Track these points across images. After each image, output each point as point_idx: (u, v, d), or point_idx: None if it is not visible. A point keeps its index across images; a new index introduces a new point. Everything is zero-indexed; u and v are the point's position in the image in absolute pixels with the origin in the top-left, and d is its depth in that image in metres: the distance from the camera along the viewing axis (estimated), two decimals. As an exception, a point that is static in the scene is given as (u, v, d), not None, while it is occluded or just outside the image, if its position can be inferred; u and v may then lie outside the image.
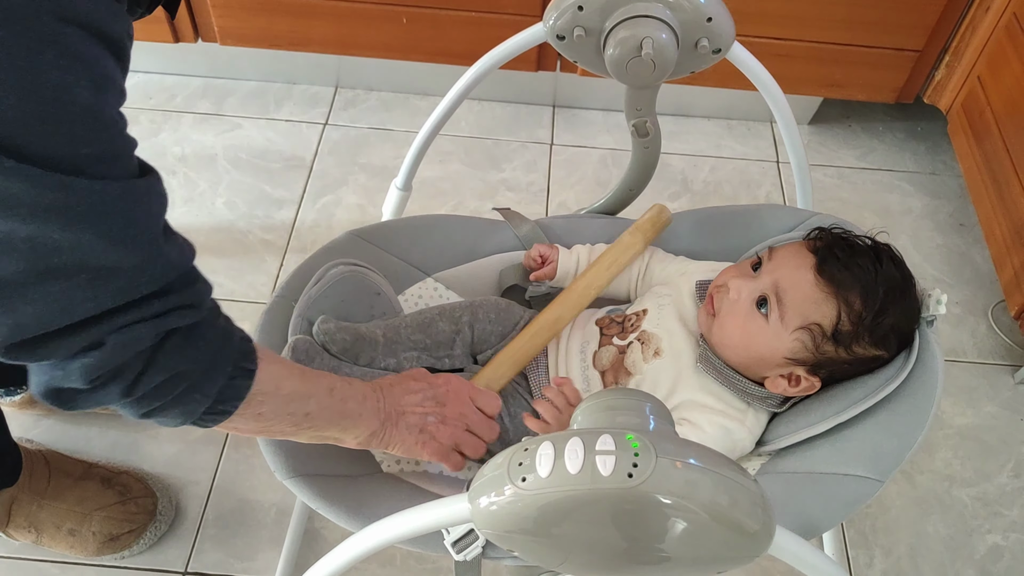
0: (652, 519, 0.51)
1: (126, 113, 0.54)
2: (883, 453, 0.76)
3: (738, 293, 0.82)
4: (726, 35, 0.85)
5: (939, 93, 1.53)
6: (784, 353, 0.80)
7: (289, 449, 0.78)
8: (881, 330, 0.79)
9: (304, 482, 0.76)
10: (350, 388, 0.73)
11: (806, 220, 0.96)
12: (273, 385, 0.65)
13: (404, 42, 1.52)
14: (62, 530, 1.08)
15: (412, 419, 0.77)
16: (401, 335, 0.89)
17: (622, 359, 0.86)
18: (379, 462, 0.84)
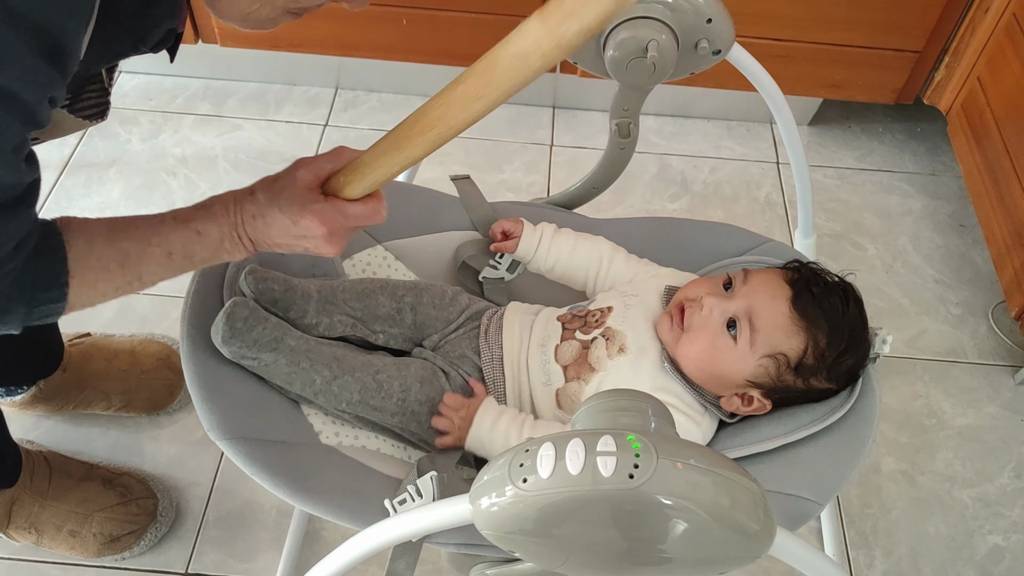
0: (653, 520, 0.51)
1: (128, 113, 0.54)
2: (824, 478, 0.78)
3: (710, 311, 0.83)
4: (726, 36, 0.85)
5: (939, 94, 1.53)
6: (746, 375, 0.82)
7: (226, 409, 0.76)
8: (839, 369, 0.82)
9: (240, 445, 0.75)
10: (199, 240, 0.68)
11: (760, 245, 0.98)
12: (89, 290, 0.64)
13: (404, 43, 1.52)
14: (63, 531, 1.08)
15: (286, 246, 0.71)
16: (337, 297, 0.86)
17: (585, 354, 0.85)
18: (317, 432, 0.82)
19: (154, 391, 1.22)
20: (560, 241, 0.94)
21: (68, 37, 0.52)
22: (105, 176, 1.55)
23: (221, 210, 0.69)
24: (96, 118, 0.71)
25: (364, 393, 0.82)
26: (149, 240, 0.67)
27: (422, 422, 0.84)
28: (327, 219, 0.68)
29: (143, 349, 1.25)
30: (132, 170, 1.56)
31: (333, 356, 0.83)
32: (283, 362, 0.80)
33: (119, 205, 1.50)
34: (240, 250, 0.70)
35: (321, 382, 0.81)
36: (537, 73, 0.55)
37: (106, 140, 1.60)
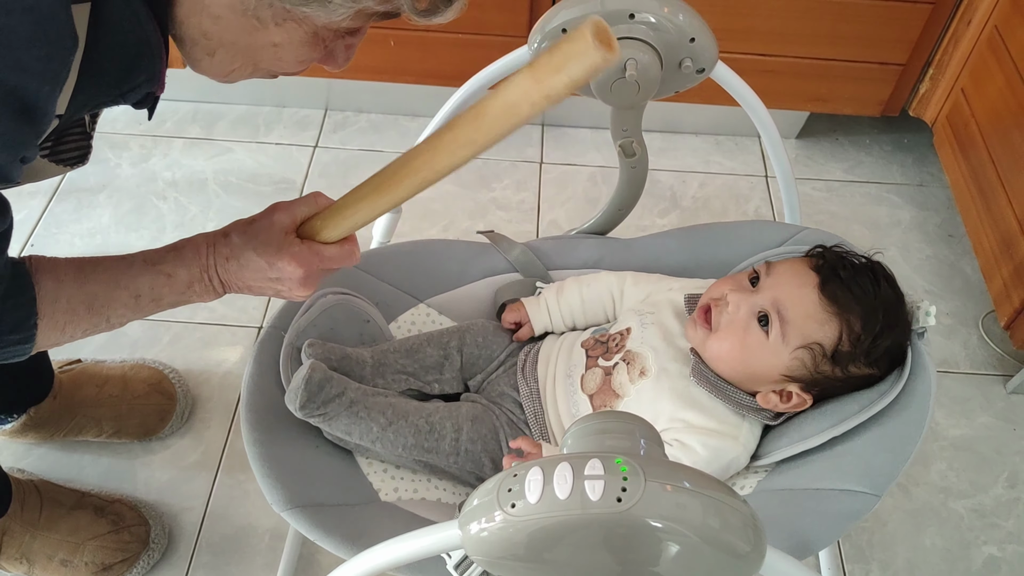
0: (644, 543, 0.51)
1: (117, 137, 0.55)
2: (878, 467, 0.76)
3: (737, 307, 0.81)
4: (709, 55, 0.86)
5: (924, 106, 1.54)
6: (781, 370, 0.80)
7: (286, 480, 0.78)
8: (877, 352, 0.79)
9: (301, 513, 0.76)
10: (168, 283, 0.69)
11: (795, 235, 0.96)
12: (58, 332, 0.65)
13: (392, 64, 1.53)
14: (54, 560, 1.07)
15: (258, 289, 0.72)
16: (389, 359, 0.89)
17: (609, 380, 0.85)
18: (376, 490, 0.84)
19: (145, 416, 1.22)
20: (567, 299, 0.95)
21: (42, 100, 0.53)
22: (95, 201, 1.55)
23: (192, 253, 0.69)
24: (76, 163, 0.72)
25: (418, 436, 0.83)
26: (117, 283, 0.67)
27: (477, 460, 0.85)
28: (304, 261, 0.69)
29: (134, 374, 1.24)
30: (122, 195, 1.56)
31: (388, 404, 0.84)
32: (344, 413, 0.82)
33: (109, 230, 1.50)
34: (210, 293, 0.71)
35: (378, 429, 0.82)
36: (525, 121, 0.57)
37: (96, 165, 1.60)
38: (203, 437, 1.25)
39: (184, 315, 1.36)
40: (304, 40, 0.61)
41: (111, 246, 1.47)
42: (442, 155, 0.61)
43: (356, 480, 0.84)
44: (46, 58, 0.52)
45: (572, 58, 0.52)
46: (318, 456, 0.84)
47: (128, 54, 0.58)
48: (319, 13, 0.57)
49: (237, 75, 0.65)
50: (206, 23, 0.59)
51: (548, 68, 0.54)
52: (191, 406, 1.27)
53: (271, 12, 0.58)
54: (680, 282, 0.95)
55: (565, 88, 0.54)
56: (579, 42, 0.52)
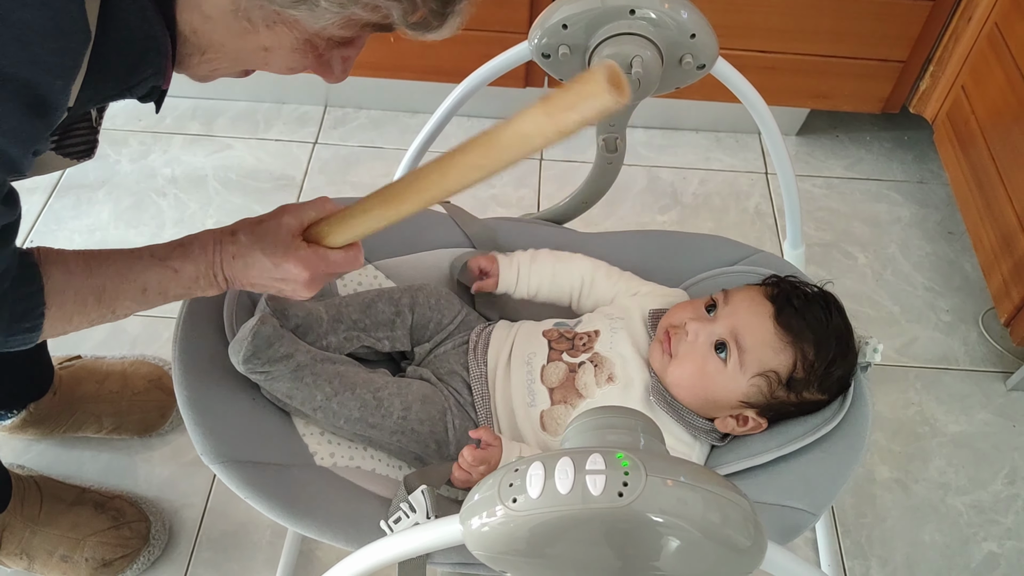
0: (645, 537, 0.51)
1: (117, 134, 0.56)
2: (818, 488, 0.78)
3: (695, 336, 0.83)
4: (710, 51, 0.86)
5: (924, 103, 1.54)
6: (740, 396, 0.82)
7: (219, 432, 0.76)
8: (830, 379, 0.82)
9: (234, 469, 0.75)
10: (175, 278, 0.70)
11: (749, 256, 0.98)
12: (64, 321, 0.66)
13: (392, 60, 1.53)
14: (54, 556, 1.07)
15: (261, 287, 0.73)
16: (343, 314, 0.88)
17: (573, 378, 0.85)
18: (312, 453, 0.82)
19: (145, 413, 1.22)
20: (539, 269, 0.95)
21: (55, 94, 0.53)
22: (94, 198, 1.55)
23: (199, 250, 0.70)
24: (83, 156, 0.72)
25: (364, 410, 0.82)
26: (125, 276, 0.68)
27: (422, 441, 0.84)
28: (310, 265, 0.70)
29: (134, 371, 1.24)
30: (122, 191, 1.56)
31: (336, 372, 0.83)
32: (288, 376, 0.81)
33: (109, 226, 1.50)
34: (213, 287, 0.72)
35: (322, 397, 0.81)
36: (535, 151, 0.62)
37: (95, 161, 1.59)
38: (203, 433, 1.25)
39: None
40: (295, 46, 0.61)
41: (110, 242, 1.47)
42: (452, 176, 0.64)
43: (292, 441, 0.82)
44: (60, 52, 0.52)
45: (585, 99, 0.56)
46: (254, 410, 0.81)
47: (135, 49, 0.58)
48: (307, 17, 0.57)
49: (219, 75, 0.66)
50: (197, 21, 0.59)
51: (562, 106, 0.57)
52: (191, 402, 1.27)
53: (262, 14, 0.58)
54: (648, 286, 0.95)
55: (576, 125, 0.57)
56: (593, 85, 0.55)
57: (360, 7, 0.56)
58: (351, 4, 0.56)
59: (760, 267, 0.96)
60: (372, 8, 0.57)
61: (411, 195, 0.67)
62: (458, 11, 0.60)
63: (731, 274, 0.96)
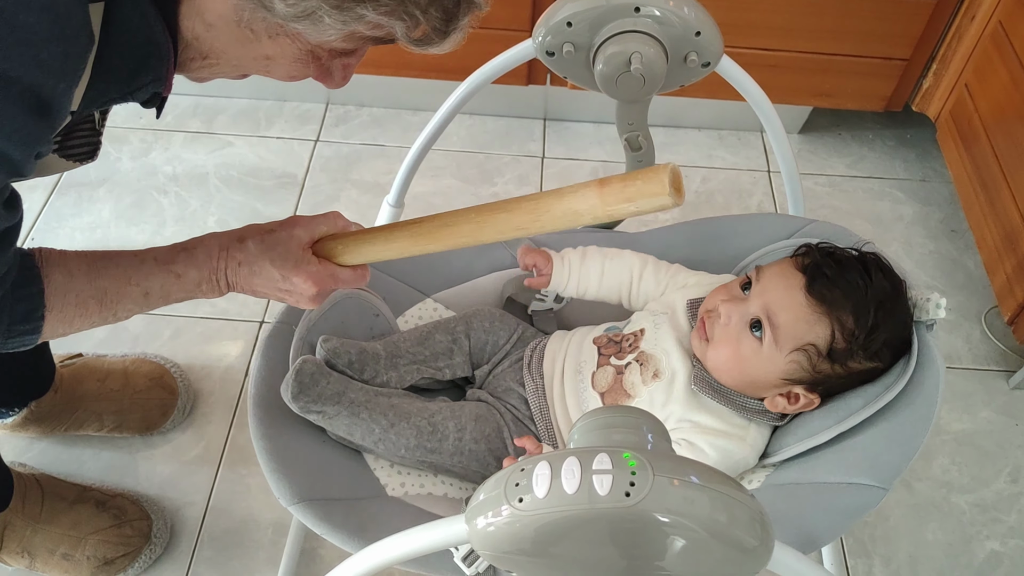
0: (651, 537, 0.51)
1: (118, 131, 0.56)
2: (885, 460, 0.76)
3: (728, 318, 0.82)
4: (714, 49, 0.86)
5: (927, 101, 1.54)
6: (780, 374, 0.80)
7: (293, 475, 0.78)
8: (875, 345, 0.79)
9: (308, 507, 0.76)
10: (177, 282, 0.70)
11: (803, 227, 0.96)
12: (65, 324, 0.66)
13: (395, 58, 1.53)
14: (56, 555, 1.07)
15: (263, 294, 0.74)
16: (400, 349, 0.90)
17: (620, 380, 0.85)
18: (383, 486, 0.84)
19: (147, 411, 1.22)
20: (588, 266, 0.94)
21: (58, 97, 0.53)
22: (95, 195, 1.54)
23: (204, 255, 0.70)
24: (86, 159, 0.72)
25: (420, 437, 0.83)
26: (129, 279, 0.68)
27: (482, 459, 0.85)
28: (319, 281, 0.71)
29: (135, 369, 1.24)
30: (122, 189, 1.56)
31: (390, 405, 0.84)
32: (344, 413, 0.82)
33: (110, 224, 1.50)
34: (215, 292, 0.72)
35: (379, 430, 0.83)
36: (580, 226, 0.61)
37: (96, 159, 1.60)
38: (205, 432, 1.25)
39: (186, 310, 1.36)
40: (297, 56, 0.61)
41: (111, 240, 1.47)
42: (490, 230, 0.64)
43: (363, 475, 0.84)
44: (63, 56, 0.52)
45: (645, 196, 0.56)
46: (324, 451, 0.84)
47: (137, 54, 0.58)
48: (311, 31, 0.57)
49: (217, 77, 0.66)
50: (199, 28, 0.60)
51: (619, 196, 0.58)
52: (193, 401, 1.27)
53: (265, 25, 0.58)
54: (695, 276, 0.95)
55: (628, 215, 0.58)
56: (655, 184, 0.56)
57: (363, 24, 0.56)
58: (354, 21, 0.56)
59: (815, 237, 0.92)
60: (375, 26, 0.57)
61: (443, 237, 0.67)
62: (461, 27, 0.60)
63: (785, 248, 0.93)
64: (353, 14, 0.55)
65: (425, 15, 0.57)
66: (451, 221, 0.66)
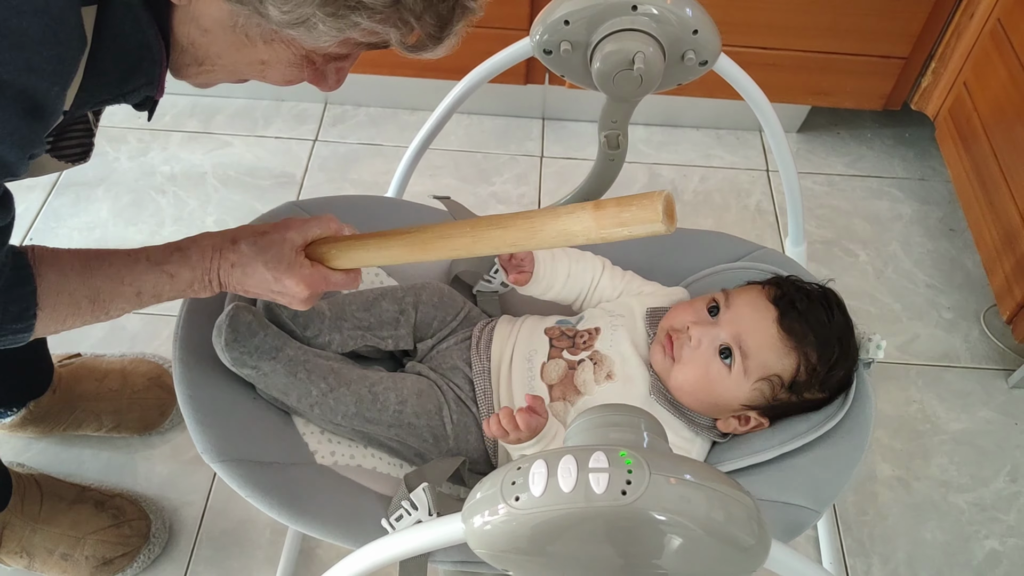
0: (647, 536, 0.51)
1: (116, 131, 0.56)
2: (821, 485, 0.78)
3: (699, 341, 0.82)
4: (712, 47, 0.86)
5: (926, 99, 1.54)
6: (743, 400, 0.82)
7: (220, 431, 0.76)
8: (832, 379, 0.82)
9: (234, 467, 0.75)
10: (170, 282, 0.70)
11: (751, 252, 0.98)
12: (58, 322, 0.66)
13: (392, 57, 1.51)
14: (55, 555, 1.07)
15: (255, 294, 0.74)
16: (346, 312, 0.88)
17: (572, 375, 0.85)
18: (312, 452, 0.82)
19: (145, 411, 1.22)
20: (557, 268, 0.93)
21: (51, 100, 0.54)
22: (93, 195, 1.54)
23: (197, 256, 0.71)
24: (78, 160, 0.73)
25: (360, 405, 0.82)
26: (122, 279, 0.68)
27: (419, 434, 0.84)
28: (311, 283, 0.72)
29: (134, 369, 1.24)
30: (120, 188, 1.56)
31: (330, 369, 0.83)
32: (281, 372, 0.80)
33: (108, 224, 1.50)
34: (207, 291, 0.72)
35: (317, 393, 0.81)
36: (572, 245, 0.63)
37: (94, 159, 1.58)
38: (203, 431, 1.25)
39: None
40: (292, 61, 0.62)
41: (110, 240, 1.47)
42: (484, 244, 0.65)
43: (292, 439, 0.82)
44: (56, 59, 0.52)
45: (639, 222, 0.58)
46: (254, 410, 0.81)
47: (130, 57, 0.58)
48: (305, 38, 0.57)
49: (217, 83, 0.67)
50: (195, 34, 0.60)
51: (614, 220, 0.59)
52: (191, 400, 1.27)
53: (260, 31, 0.58)
54: (650, 286, 0.95)
55: (620, 239, 0.59)
56: (650, 211, 0.57)
57: (357, 31, 0.57)
58: (349, 28, 0.56)
59: (763, 263, 0.96)
60: (370, 32, 0.57)
61: (437, 248, 0.68)
62: (455, 32, 0.60)
63: (734, 270, 0.96)
64: (348, 21, 0.55)
65: (419, 22, 0.57)
66: (447, 233, 0.67)
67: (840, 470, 0.79)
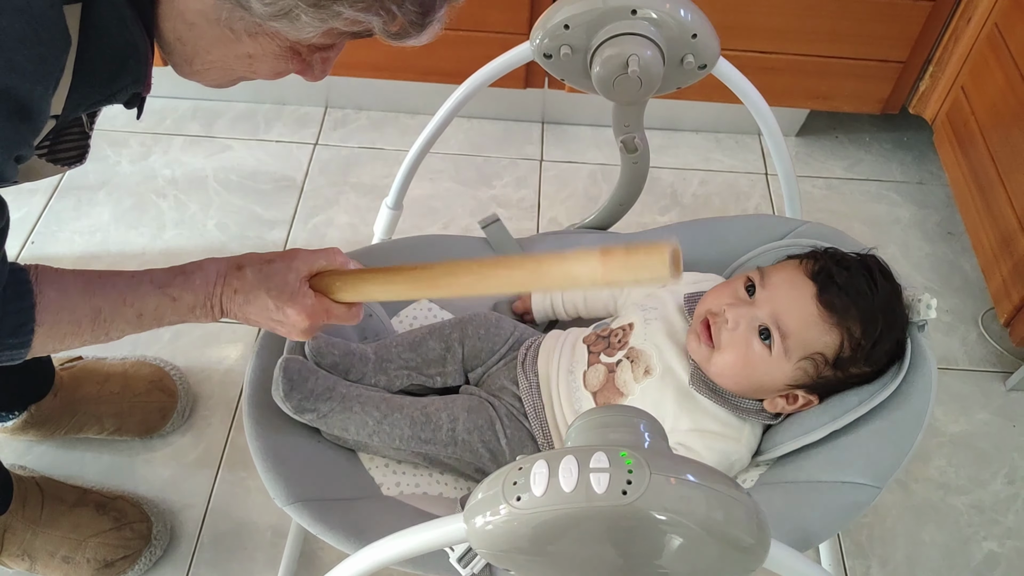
0: (648, 536, 0.51)
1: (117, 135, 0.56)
2: (879, 459, 0.76)
3: (736, 324, 0.81)
4: (711, 51, 0.86)
5: (924, 103, 1.54)
6: (786, 380, 0.81)
7: (288, 475, 0.78)
8: (878, 353, 0.80)
9: (304, 508, 0.77)
10: (172, 305, 0.71)
11: (795, 228, 0.96)
12: (56, 340, 0.66)
13: (393, 61, 1.53)
14: (56, 557, 1.07)
15: (255, 322, 0.75)
16: (392, 353, 0.89)
17: (612, 378, 0.85)
18: (378, 485, 0.84)
19: (147, 414, 1.22)
20: (570, 295, 0.94)
21: (36, 101, 0.53)
22: (95, 199, 1.55)
23: (201, 280, 0.71)
24: (74, 163, 0.73)
25: (414, 427, 0.83)
26: (124, 300, 0.68)
27: (475, 450, 0.85)
28: (313, 315, 0.72)
29: (135, 372, 1.24)
30: (122, 192, 1.56)
31: (382, 398, 0.85)
32: (337, 409, 0.82)
33: (109, 227, 1.50)
34: (208, 317, 0.72)
35: (373, 423, 0.83)
36: (578, 288, 0.64)
37: (95, 162, 1.60)
38: (204, 434, 1.25)
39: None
40: (278, 53, 0.62)
41: (111, 243, 1.47)
42: (490, 283, 0.67)
43: (358, 475, 0.84)
44: (38, 59, 0.52)
45: (645, 269, 0.60)
46: (320, 451, 0.84)
47: (116, 56, 0.59)
48: (288, 29, 0.58)
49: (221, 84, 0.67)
50: (181, 29, 0.60)
51: (620, 267, 0.60)
52: (192, 403, 1.28)
53: (244, 24, 0.59)
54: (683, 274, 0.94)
55: (626, 284, 0.61)
56: (656, 259, 0.59)
57: (340, 21, 0.57)
58: (332, 18, 0.57)
59: (808, 238, 0.92)
60: (353, 22, 0.58)
61: (443, 286, 0.70)
62: (438, 19, 0.61)
63: (779, 249, 0.93)
64: (330, 11, 0.56)
65: (401, 9, 0.57)
66: (453, 271, 0.68)
67: (898, 440, 0.76)
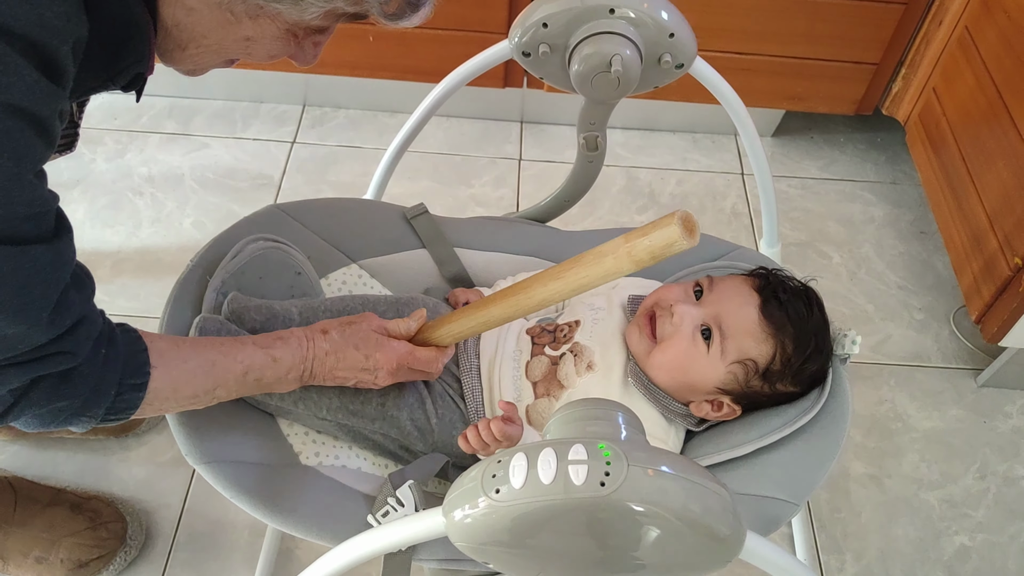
0: (626, 527, 0.52)
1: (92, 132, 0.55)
2: (798, 478, 0.79)
3: (682, 319, 0.84)
4: (688, 50, 0.87)
5: (897, 105, 1.56)
6: (716, 383, 0.83)
7: (204, 434, 0.76)
8: (804, 373, 0.84)
9: (218, 469, 0.75)
10: (272, 367, 0.73)
11: (730, 252, 1.00)
12: (171, 388, 0.67)
13: (371, 60, 1.53)
14: (29, 557, 1.05)
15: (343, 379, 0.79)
16: (319, 318, 0.85)
17: (555, 371, 0.86)
18: (296, 453, 0.82)
19: (122, 413, 1.21)
20: None
21: (63, 59, 0.53)
22: (69, 197, 1.53)
23: (296, 343, 0.75)
24: (64, 150, 0.72)
25: (343, 397, 0.81)
26: (233, 356, 0.71)
27: (403, 427, 0.83)
28: (400, 355, 0.78)
29: (110, 370, 1.23)
30: (97, 190, 1.55)
31: None
32: None
33: (84, 225, 1.49)
34: (296, 382, 0.76)
35: (300, 388, 0.80)
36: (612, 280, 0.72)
37: (70, 160, 1.58)
38: (181, 433, 1.24)
39: (161, 311, 1.35)
40: (277, 35, 0.62)
41: (85, 241, 1.46)
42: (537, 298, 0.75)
43: (276, 441, 0.82)
44: (64, 16, 0.52)
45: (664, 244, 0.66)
46: (238, 412, 0.82)
47: (117, 36, 0.58)
48: (291, 10, 0.59)
49: (206, 68, 0.67)
50: (180, 15, 0.60)
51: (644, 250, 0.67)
52: (168, 402, 1.26)
53: (244, 7, 0.59)
54: (628, 279, 0.96)
55: (655, 262, 0.68)
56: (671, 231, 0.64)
57: (343, 0, 0.57)
58: None
59: (740, 262, 0.97)
60: (354, 2, 0.59)
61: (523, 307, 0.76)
62: (430, 0, 0.63)
63: (712, 269, 0.97)
64: None
65: None
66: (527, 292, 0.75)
67: (817, 464, 0.80)
